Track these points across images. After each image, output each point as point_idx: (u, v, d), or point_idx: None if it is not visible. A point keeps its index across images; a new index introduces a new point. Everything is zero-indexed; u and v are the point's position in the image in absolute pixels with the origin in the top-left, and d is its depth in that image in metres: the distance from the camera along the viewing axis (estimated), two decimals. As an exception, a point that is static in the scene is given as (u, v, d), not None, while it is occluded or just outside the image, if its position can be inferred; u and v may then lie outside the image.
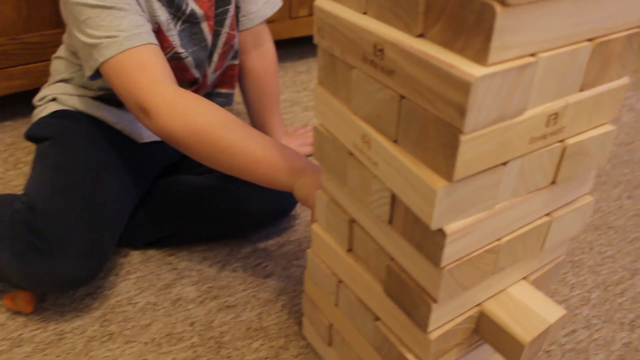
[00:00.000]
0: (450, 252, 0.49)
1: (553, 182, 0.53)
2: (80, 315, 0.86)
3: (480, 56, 0.40)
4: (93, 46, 0.77)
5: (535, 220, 0.55)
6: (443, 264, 0.49)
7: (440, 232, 0.47)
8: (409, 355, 0.59)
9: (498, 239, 0.53)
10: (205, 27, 0.93)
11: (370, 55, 0.48)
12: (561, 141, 0.50)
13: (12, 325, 0.84)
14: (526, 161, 0.49)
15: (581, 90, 0.49)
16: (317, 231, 0.68)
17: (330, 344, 0.75)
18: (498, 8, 0.38)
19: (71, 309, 0.87)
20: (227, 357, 0.80)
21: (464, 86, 0.40)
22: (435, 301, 0.52)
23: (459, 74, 0.40)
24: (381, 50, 0.47)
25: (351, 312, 0.67)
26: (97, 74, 0.80)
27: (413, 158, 0.47)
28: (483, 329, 0.59)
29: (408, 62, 0.44)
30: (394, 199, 0.52)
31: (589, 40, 0.46)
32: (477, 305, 0.58)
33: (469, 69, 0.40)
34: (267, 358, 0.79)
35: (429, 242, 0.49)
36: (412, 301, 0.55)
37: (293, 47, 1.70)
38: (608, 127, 0.53)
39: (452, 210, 0.47)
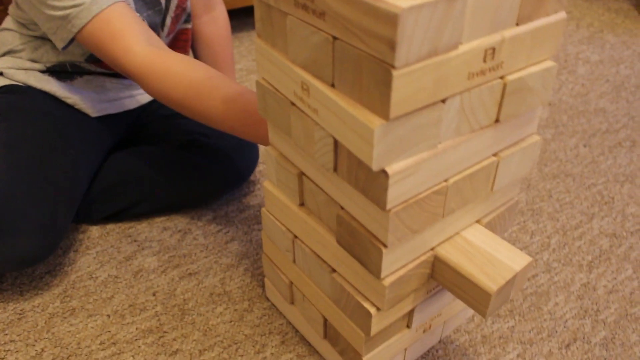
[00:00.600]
0: (395, 194, 0.48)
1: (497, 121, 0.53)
2: (41, 293, 0.84)
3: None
4: (62, 18, 0.75)
5: (482, 160, 0.55)
6: (389, 206, 0.49)
7: (383, 173, 0.47)
8: (366, 304, 0.59)
9: (445, 180, 0.53)
10: None
11: (304, -2, 0.47)
12: (501, 77, 0.50)
13: (-31, 306, 0.82)
14: (466, 98, 0.48)
15: (517, 24, 0.48)
16: (268, 188, 0.68)
17: (292, 302, 0.75)
18: None
19: (30, 287, 0.85)
20: (192, 323, 0.79)
21: (391, 19, 0.39)
22: (385, 246, 0.52)
23: (386, 6, 0.39)
24: (312, -8, 0.45)
25: (308, 267, 0.66)
26: (69, 43, 0.79)
27: (350, 100, 0.47)
28: (442, 275, 0.59)
29: (337, 2, 0.43)
30: (336, 145, 0.51)
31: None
32: (431, 249, 0.58)
33: (396, 1, 0.39)
34: (231, 321, 0.79)
35: (373, 185, 0.49)
36: (364, 248, 0.55)
37: (248, 16, 1.67)
38: (549, 63, 0.53)
39: (392, 149, 0.46)
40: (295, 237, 0.66)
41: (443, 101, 0.47)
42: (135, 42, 0.75)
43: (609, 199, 0.98)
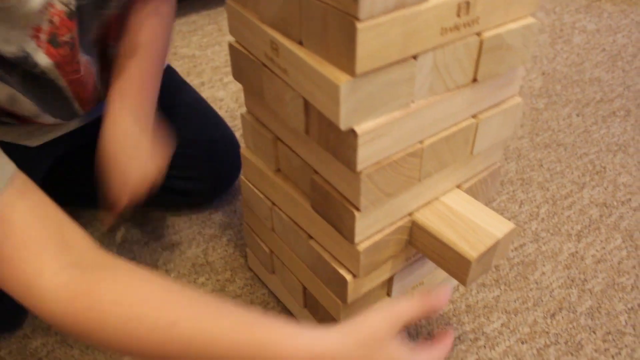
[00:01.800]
0: (366, 155, 0.47)
1: (475, 80, 0.51)
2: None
3: None
4: None
5: (459, 121, 0.53)
6: (359, 167, 0.47)
7: (352, 133, 0.45)
8: (342, 271, 0.57)
9: (420, 142, 0.51)
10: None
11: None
12: (478, 34, 0.48)
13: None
14: (440, 55, 0.46)
15: (494, -24, 0.46)
16: (245, 155, 0.66)
17: (273, 272, 0.74)
18: None
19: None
20: (173, 294, 0.78)
21: (354, -35, 0.37)
22: (358, 210, 0.51)
23: (349, -49, 0.37)
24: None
25: (286, 234, 0.65)
26: None
27: (318, 57, 0.45)
28: (420, 242, 0.58)
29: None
30: (306, 105, 0.49)
31: None
32: (409, 215, 0.57)
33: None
34: (213, 291, 0.78)
35: (343, 146, 0.47)
36: (337, 213, 0.53)
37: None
38: (529, 20, 0.51)
39: (361, 108, 0.44)
40: (273, 204, 0.65)
41: (415, 57, 0.45)
42: (47, 249, 0.46)
43: (601, 169, 0.96)
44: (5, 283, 0.45)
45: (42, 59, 0.58)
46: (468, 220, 0.57)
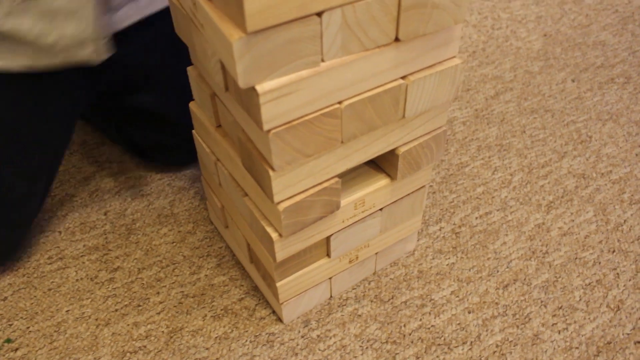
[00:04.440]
0: (272, 114, 0.46)
1: (397, 40, 0.49)
2: None
3: None
4: None
5: (385, 83, 0.51)
6: (266, 126, 0.46)
7: (254, 92, 0.44)
8: (269, 229, 0.57)
9: (339, 102, 0.49)
10: None
11: None
12: (396, -11, 0.45)
13: None
14: (349, 12, 0.44)
15: None
16: (193, 109, 0.66)
17: (226, 226, 0.75)
18: None
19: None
20: (136, 242, 0.80)
21: None
22: (272, 169, 0.50)
23: None
24: None
25: (229, 190, 0.65)
26: None
27: (221, 13, 0.44)
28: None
29: None
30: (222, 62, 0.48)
31: None
32: (337, 177, 0.56)
33: None
34: (173, 242, 0.80)
35: (252, 103, 0.46)
36: (259, 172, 0.53)
37: None
38: (459, -25, 0.48)
39: (261, 66, 0.43)
40: (217, 159, 0.65)
41: (319, 15, 0.43)
42: None
43: (586, 138, 0.92)
44: None
45: None
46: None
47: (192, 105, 0.66)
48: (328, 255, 0.65)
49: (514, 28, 1.17)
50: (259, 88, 0.44)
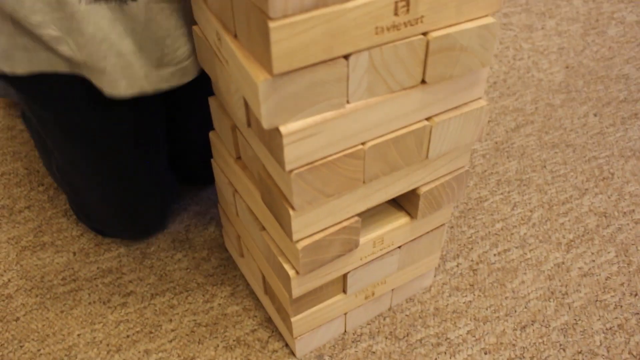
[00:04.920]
0: (295, 155, 0.45)
1: (423, 82, 0.48)
2: (17, 226, 0.87)
3: None
4: None
5: (409, 124, 0.51)
6: (288, 167, 0.46)
7: (278, 132, 0.44)
8: (286, 266, 0.57)
9: (362, 143, 0.49)
10: None
11: None
12: (424, 34, 0.45)
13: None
14: (377, 55, 0.44)
15: (442, -28, 0.43)
16: (213, 139, 0.66)
17: (242, 255, 0.74)
18: None
19: (10, 220, 0.87)
20: (150, 267, 0.80)
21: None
22: (293, 208, 0.49)
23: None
24: None
25: (246, 222, 0.65)
26: None
27: (247, 52, 0.43)
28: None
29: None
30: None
31: None
32: (357, 215, 0.55)
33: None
34: (187, 268, 0.79)
35: (274, 144, 0.46)
36: (279, 209, 0.52)
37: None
38: (488, 20, 0.47)
39: (285, 107, 0.43)
40: (236, 191, 0.65)
41: (346, 57, 0.42)
42: None
43: (608, 175, 0.91)
44: None
45: None
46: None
47: (212, 135, 0.66)
48: (344, 291, 0.64)
49: (536, 59, 1.16)
50: (283, 129, 0.43)
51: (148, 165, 0.75)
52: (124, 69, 0.60)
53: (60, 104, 0.67)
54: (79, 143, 0.70)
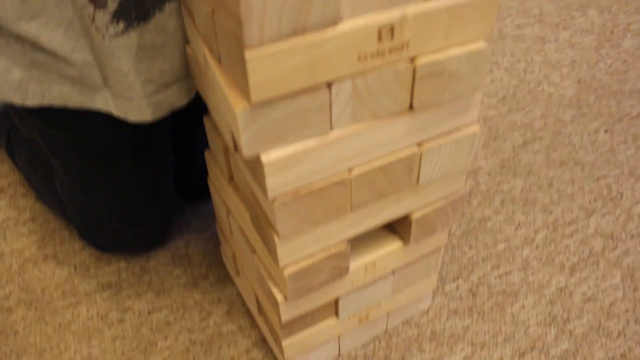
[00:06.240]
0: (277, 183, 0.44)
1: (411, 108, 0.47)
2: (21, 238, 0.87)
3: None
4: None
5: (398, 150, 0.50)
6: (271, 195, 0.45)
7: (260, 161, 0.43)
8: (274, 290, 0.56)
9: (348, 170, 0.48)
10: None
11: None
12: (411, 60, 0.44)
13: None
14: (361, 82, 0.43)
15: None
16: (208, 158, 0.65)
17: (238, 273, 0.74)
18: None
19: (14, 231, 0.88)
20: (148, 282, 0.80)
21: (235, -7, 0.34)
22: (277, 235, 0.49)
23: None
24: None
25: (239, 242, 0.64)
26: None
27: (229, 78, 0.43)
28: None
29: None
30: (228, 123, 0.47)
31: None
32: (347, 241, 0.54)
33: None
34: (186, 285, 0.79)
35: (257, 171, 0.45)
36: (265, 234, 0.51)
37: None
38: (478, 45, 0.46)
39: (267, 135, 0.42)
40: (229, 210, 0.64)
41: (328, 85, 0.42)
42: None
43: (617, 195, 0.88)
44: None
45: None
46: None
47: (207, 154, 0.66)
48: (337, 314, 0.63)
49: (547, 72, 1.14)
50: (264, 158, 0.43)
51: (154, 180, 0.76)
52: (150, 96, 0.61)
53: (72, 124, 0.67)
54: (89, 159, 0.71)
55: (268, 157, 0.43)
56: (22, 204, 0.92)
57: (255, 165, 0.45)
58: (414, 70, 0.44)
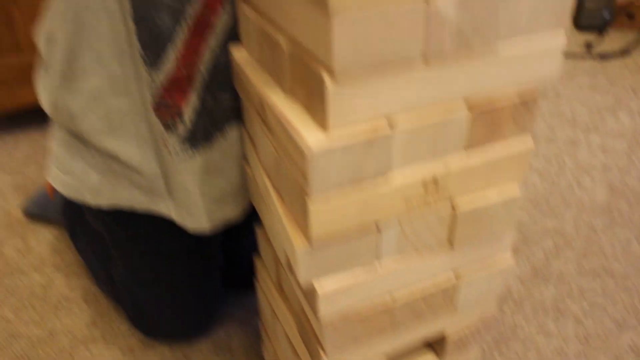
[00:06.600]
0: (328, 310, 0.49)
1: (450, 245, 0.52)
2: (73, 317, 0.93)
3: (323, 121, 0.40)
4: None
5: (438, 281, 0.54)
6: (323, 320, 0.49)
7: (314, 290, 0.48)
8: (316, 399, 0.59)
9: (392, 299, 0.52)
10: None
11: (260, 108, 0.49)
12: (453, 207, 0.49)
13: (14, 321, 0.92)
14: (407, 225, 0.48)
15: (466, 149, 0.47)
16: (258, 264, 0.70)
17: (277, 371, 0.77)
18: (328, 80, 0.38)
19: (67, 309, 0.94)
20: (190, 371, 0.83)
21: (304, 156, 0.40)
22: (324, 352, 0.53)
23: (300, 142, 0.40)
24: (263, 107, 0.48)
25: (282, 346, 0.68)
26: None
27: (289, 212, 0.48)
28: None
29: (275, 120, 0.45)
30: (285, 249, 0.53)
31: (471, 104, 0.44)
32: (384, 355, 0.58)
33: (310, 138, 0.39)
34: (224, 377, 0.82)
35: (310, 296, 0.50)
36: (312, 347, 0.56)
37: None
38: (513, 193, 0.51)
39: (321, 266, 0.47)
40: (274, 312, 0.68)
41: (378, 227, 0.47)
42: None
43: (649, 309, 0.90)
44: None
45: None
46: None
47: (257, 260, 0.71)
48: (372, 422, 0.66)
49: (579, 177, 1.18)
50: (319, 289, 0.48)
51: (203, 275, 0.82)
52: (209, 210, 0.68)
53: (136, 223, 0.75)
54: (146, 255, 0.78)
55: (322, 288, 0.48)
56: (74, 283, 0.98)
57: (308, 290, 0.50)
58: (455, 216, 0.49)
